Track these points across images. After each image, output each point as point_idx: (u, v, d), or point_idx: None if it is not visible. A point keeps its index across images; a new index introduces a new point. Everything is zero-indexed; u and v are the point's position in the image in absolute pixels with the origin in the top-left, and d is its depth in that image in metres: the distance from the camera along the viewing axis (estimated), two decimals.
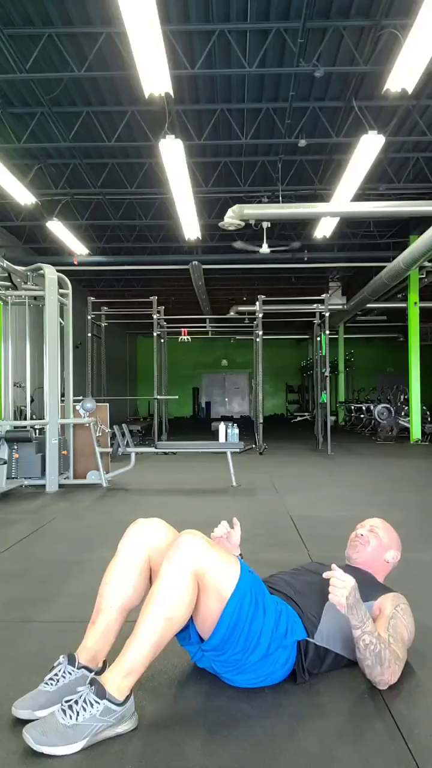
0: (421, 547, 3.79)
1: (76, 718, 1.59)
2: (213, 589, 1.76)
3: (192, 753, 1.58)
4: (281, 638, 1.84)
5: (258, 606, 1.81)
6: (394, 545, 2.22)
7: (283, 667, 1.87)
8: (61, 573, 3.19)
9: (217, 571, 1.76)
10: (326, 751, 1.58)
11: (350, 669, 2.00)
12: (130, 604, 1.87)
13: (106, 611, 1.83)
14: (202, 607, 1.77)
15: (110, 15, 6.21)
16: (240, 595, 1.77)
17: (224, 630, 1.76)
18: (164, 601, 1.69)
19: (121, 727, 1.65)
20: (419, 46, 5.52)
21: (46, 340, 6.57)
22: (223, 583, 1.77)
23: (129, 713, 1.67)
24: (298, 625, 1.89)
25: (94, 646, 1.81)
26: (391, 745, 1.59)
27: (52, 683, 1.74)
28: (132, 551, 1.88)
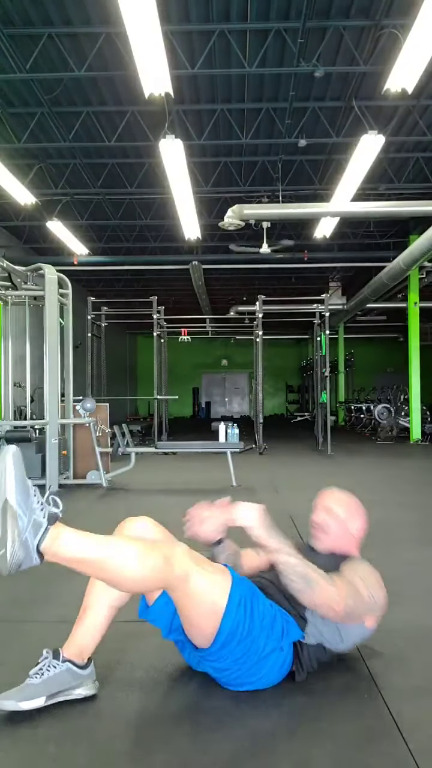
0: (421, 546, 3.79)
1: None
2: (205, 601, 1.73)
3: (190, 752, 1.58)
4: (278, 640, 1.83)
5: (254, 612, 1.80)
6: (355, 515, 2.11)
7: (280, 669, 1.87)
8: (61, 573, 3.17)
9: (205, 580, 1.73)
10: (326, 751, 1.58)
11: (350, 669, 2.00)
12: (118, 602, 1.88)
13: (93, 608, 1.86)
14: (196, 618, 1.76)
15: (110, 15, 6.21)
16: (234, 604, 1.76)
17: (222, 639, 1.75)
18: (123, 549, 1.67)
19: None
20: (419, 46, 5.52)
21: (46, 340, 6.56)
22: (215, 593, 1.75)
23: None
24: (293, 625, 1.88)
25: (80, 641, 1.84)
26: (391, 745, 1.59)
27: (37, 676, 1.78)
28: None
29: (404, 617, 2.50)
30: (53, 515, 1.62)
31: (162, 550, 1.70)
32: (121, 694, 1.88)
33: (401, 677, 1.96)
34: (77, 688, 1.81)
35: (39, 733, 1.67)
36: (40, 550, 1.59)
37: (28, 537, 1.57)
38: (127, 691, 1.90)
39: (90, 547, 1.64)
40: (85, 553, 1.64)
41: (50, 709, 1.77)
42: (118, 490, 6.24)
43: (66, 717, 1.75)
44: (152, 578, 1.68)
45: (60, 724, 1.71)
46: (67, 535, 1.63)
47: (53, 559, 1.62)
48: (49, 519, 1.61)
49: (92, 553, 1.64)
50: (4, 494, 1.57)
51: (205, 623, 1.76)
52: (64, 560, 1.64)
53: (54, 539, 1.60)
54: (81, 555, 1.63)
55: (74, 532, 1.65)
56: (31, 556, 1.58)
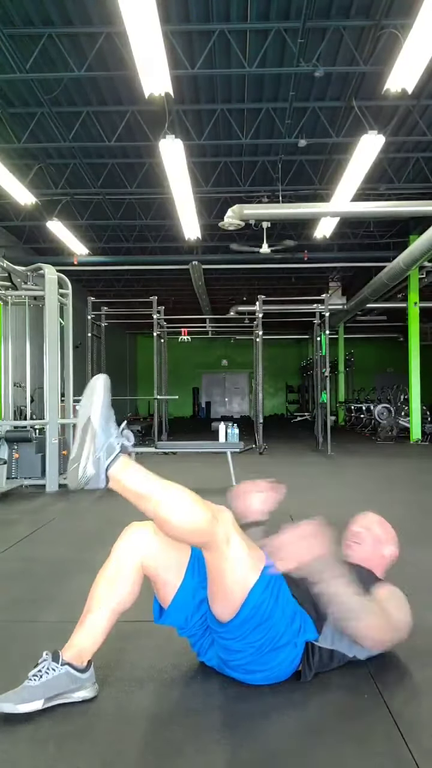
0: (421, 546, 3.79)
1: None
2: (238, 568, 1.75)
3: (192, 753, 1.58)
4: (294, 634, 1.84)
5: (279, 598, 1.82)
6: (391, 540, 2.21)
7: (289, 666, 1.87)
8: (61, 573, 3.19)
9: (243, 549, 1.76)
10: (326, 751, 1.58)
11: (350, 669, 2.00)
12: (121, 607, 1.86)
13: (94, 612, 1.85)
14: (225, 585, 1.77)
15: (110, 15, 6.21)
16: (264, 583, 1.78)
17: (245, 615, 1.76)
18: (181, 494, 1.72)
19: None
20: (419, 46, 5.52)
21: (46, 340, 6.56)
22: (248, 566, 1.77)
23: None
24: (310, 624, 1.89)
25: (80, 644, 1.83)
26: (391, 745, 1.59)
27: (35, 679, 1.77)
28: (125, 555, 1.88)
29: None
30: (125, 446, 1.71)
31: (212, 507, 1.75)
32: (122, 694, 1.88)
33: (401, 678, 1.96)
34: (76, 692, 1.80)
35: (39, 732, 1.67)
36: (108, 474, 1.67)
37: (101, 457, 1.66)
38: (128, 691, 1.90)
39: (153, 485, 1.72)
40: (147, 489, 1.71)
41: (51, 708, 1.77)
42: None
43: (66, 717, 1.75)
44: (198, 529, 1.71)
45: (60, 724, 1.71)
46: (134, 468, 1.72)
47: (116, 486, 1.70)
48: (122, 448, 1.70)
49: (153, 491, 1.71)
50: (89, 412, 1.68)
51: (233, 592, 1.77)
52: (125, 490, 1.70)
53: (123, 467, 1.69)
54: (143, 490, 1.70)
55: (141, 468, 1.74)
56: (99, 477, 1.66)
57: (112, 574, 1.87)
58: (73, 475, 1.66)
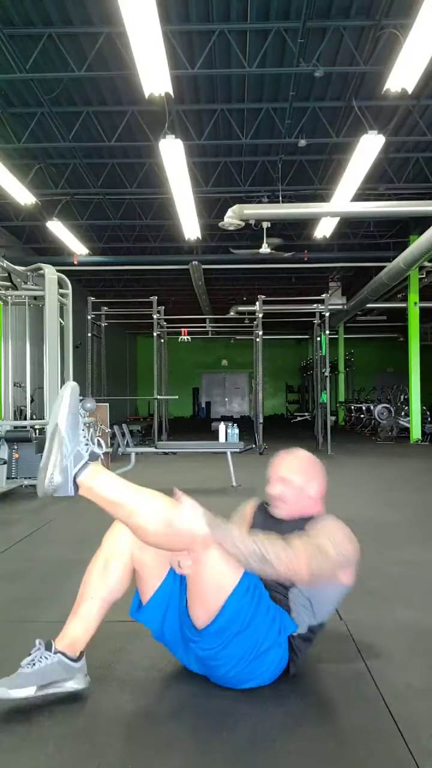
0: (420, 547, 3.80)
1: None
2: (217, 573, 1.75)
3: (190, 752, 1.58)
4: (276, 635, 1.83)
5: (260, 602, 1.81)
6: (312, 476, 2.04)
7: (278, 665, 1.86)
8: (62, 573, 3.19)
9: (222, 554, 1.74)
10: (326, 751, 1.58)
11: (350, 669, 2.00)
12: (112, 597, 1.88)
13: (87, 601, 1.86)
14: (203, 589, 1.77)
15: (110, 15, 6.20)
16: (243, 589, 1.77)
17: (224, 621, 1.75)
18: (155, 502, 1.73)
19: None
20: (419, 46, 5.52)
21: (46, 340, 6.56)
22: (228, 570, 1.76)
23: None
24: (287, 618, 1.87)
25: (73, 633, 1.84)
26: (391, 745, 1.59)
27: (29, 667, 1.78)
28: (115, 544, 1.90)
29: (404, 617, 2.50)
30: (95, 454, 1.71)
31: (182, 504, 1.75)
32: (121, 693, 1.88)
33: (401, 677, 1.96)
34: (68, 681, 1.81)
35: (39, 731, 1.67)
36: (76, 482, 1.67)
37: (68, 464, 1.66)
38: (127, 690, 1.90)
39: (124, 492, 1.72)
40: (119, 497, 1.71)
41: (50, 708, 1.78)
42: None
43: (66, 716, 1.75)
44: (175, 536, 1.71)
45: (60, 722, 1.71)
46: (104, 475, 1.71)
47: (87, 494, 1.70)
48: (91, 456, 1.70)
49: (125, 499, 1.71)
50: (56, 419, 1.69)
51: (211, 597, 1.76)
52: (97, 498, 1.71)
53: (92, 475, 1.69)
54: (114, 497, 1.71)
55: (111, 474, 1.73)
56: (67, 485, 1.67)
57: (103, 564, 1.89)
58: (41, 482, 1.66)
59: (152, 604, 1.92)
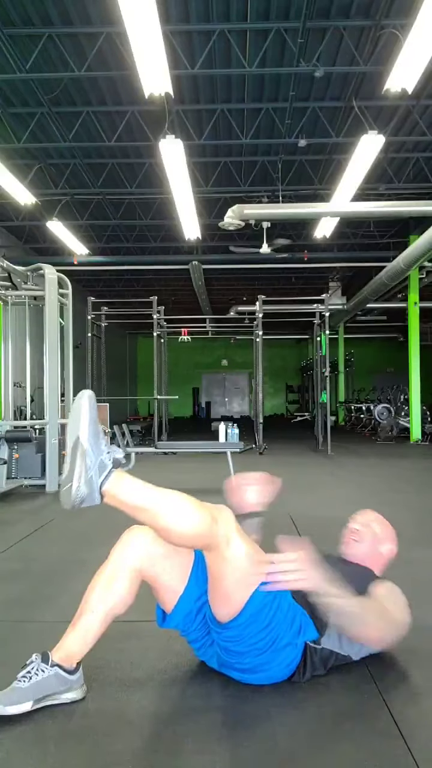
0: (421, 547, 3.79)
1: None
2: (240, 569, 1.74)
3: (193, 753, 1.58)
4: (294, 635, 1.84)
5: (281, 601, 1.82)
6: (389, 538, 2.20)
7: (288, 666, 1.86)
8: (61, 573, 3.19)
9: (244, 549, 1.75)
10: (326, 750, 1.58)
11: (350, 669, 2.00)
12: (115, 611, 1.85)
13: (87, 615, 1.83)
14: (226, 586, 1.77)
15: (110, 15, 6.21)
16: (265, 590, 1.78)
17: (247, 616, 1.76)
18: (178, 502, 1.72)
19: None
20: (419, 46, 5.52)
21: (46, 340, 6.56)
22: (251, 566, 1.76)
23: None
24: (310, 625, 1.88)
25: (71, 647, 1.82)
26: (391, 745, 1.59)
27: (24, 680, 1.75)
28: (123, 559, 1.87)
29: None
30: (117, 461, 1.71)
31: (211, 509, 1.75)
32: (122, 693, 1.88)
33: (401, 677, 1.96)
34: (65, 693, 1.79)
35: (40, 732, 1.67)
36: (102, 491, 1.66)
37: (93, 476, 1.65)
38: (128, 691, 1.90)
39: (148, 495, 1.71)
40: (143, 501, 1.70)
41: (50, 707, 1.77)
42: None
43: (66, 716, 1.75)
44: (198, 534, 1.71)
45: (61, 723, 1.71)
46: (128, 481, 1.71)
47: (112, 502, 1.69)
48: (114, 463, 1.70)
49: (149, 502, 1.70)
50: (77, 432, 1.68)
51: (235, 593, 1.76)
52: (122, 504, 1.70)
53: (116, 482, 1.68)
54: (139, 502, 1.70)
55: (134, 479, 1.73)
56: (93, 495, 1.66)
57: (108, 578, 1.86)
58: (66, 495, 1.64)
59: (178, 612, 1.90)
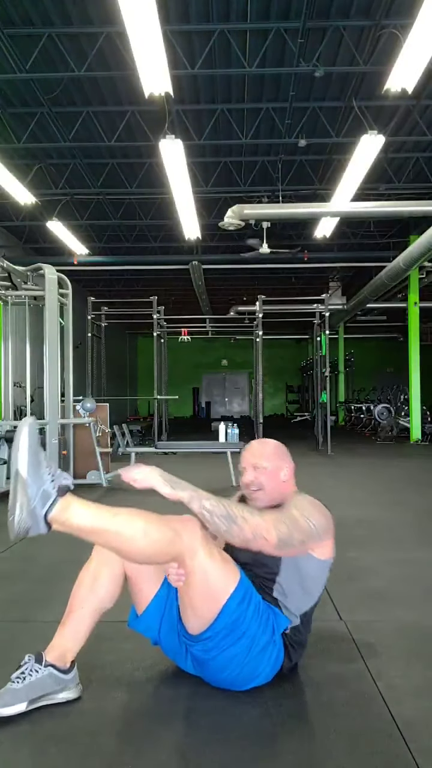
0: (420, 547, 3.80)
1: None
2: (209, 582, 1.74)
3: (190, 752, 1.58)
4: (271, 634, 1.84)
5: (255, 610, 1.81)
6: (280, 461, 2.05)
7: (275, 663, 1.86)
8: (61, 573, 3.19)
9: (213, 562, 1.74)
10: (326, 751, 1.57)
11: (350, 669, 2.00)
12: (102, 607, 1.87)
13: (76, 612, 1.86)
14: (196, 599, 1.76)
15: (110, 15, 6.20)
16: (239, 598, 1.77)
17: (219, 627, 1.75)
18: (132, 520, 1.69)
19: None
20: (419, 46, 5.51)
21: (46, 340, 6.56)
22: (220, 579, 1.76)
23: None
24: (279, 615, 1.88)
25: (63, 645, 1.83)
26: (391, 745, 1.59)
27: (18, 681, 1.76)
28: (105, 555, 1.88)
29: (404, 617, 2.50)
30: (63, 487, 1.67)
31: (172, 523, 1.73)
32: (120, 693, 1.88)
33: (401, 677, 1.96)
34: (60, 693, 1.80)
35: (39, 732, 1.67)
36: (47, 520, 1.63)
37: (36, 506, 1.62)
38: (126, 691, 1.90)
39: (99, 518, 1.69)
40: (94, 524, 1.68)
41: (50, 708, 1.77)
42: (118, 490, 6.24)
43: (65, 716, 1.75)
44: (159, 549, 1.70)
45: (59, 723, 1.71)
46: (76, 507, 1.67)
47: (62, 528, 1.66)
48: (60, 490, 1.65)
49: (101, 525, 1.68)
50: (16, 464, 1.64)
51: (204, 606, 1.76)
52: (73, 530, 1.67)
53: (63, 509, 1.65)
54: (90, 525, 1.67)
55: (84, 503, 1.69)
56: (38, 525, 1.63)
57: (94, 573, 1.89)
58: (11, 525, 1.62)
59: (148, 614, 1.92)
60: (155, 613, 1.91)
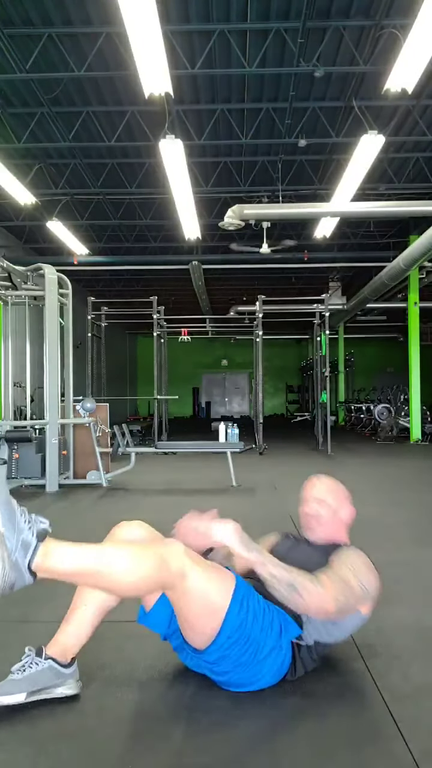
0: (420, 547, 3.80)
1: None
2: (204, 599, 1.73)
3: (190, 752, 1.58)
4: (276, 639, 1.83)
5: (256, 614, 1.80)
6: (344, 502, 2.13)
7: (280, 669, 1.86)
8: None
9: (204, 579, 1.72)
10: (326, 751, 1.57)
11: (350, 669, 2.00)
12: (107, 604, 1.87)
13: (80, 609, 1.86)
14: (194, 618, 1.76)
15: (110, 15, 6.21)
16: (237, 606, 1.76)
17: (222, 641, 1.76)
18: (116, 556, 1.67)
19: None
20: (419, 46, 5.51)
21: (46, 340, 6.57)
22: (215, 593, 1.74)
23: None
24: (291, 623, 1.87)
25: (65, 641, 1.84)
26: (391, 745, 1.59)
27: (19, 673, 1.78)
28: None
29: (403, 617, 2.50)
30: (42, 531, 1.62)
31: (156, 549, 1.70)
32: (121, 693, 1.88)
33: (401, 677, 1.96)
34: (59, 687, 1.81)
35: (38, 731, 1.67)
36: (31, 569, 1.58)
37: (18, 558, 1.56)
38: (127, 690, 1.90)
39: (82, 558, 1.64)
40: (78, 566, 1.64)
41: (50, 707, 1.78)
42: (118, 490, 6.24)
43: (65, 716, 1.75)
44: (148, 580, 1.68)
45: (59, 722, 1.72)
46: (58, 550, 1.62)
47: (47, 575, 1.61)
48: (38, 536, 1.60)
49: (85, 565, 1.64)
50: None
51: (205, 623, 1.75)
52: (57, 575, 1.63)
53: (45, 556, 1.60)
54: (74, 568, 1.63)
55: (64, 545, 1.64)
56: (23, 576, 1.57)
57: None
58: None
59: (156, 610, 1.91)
60: (164, 609, 1.90)
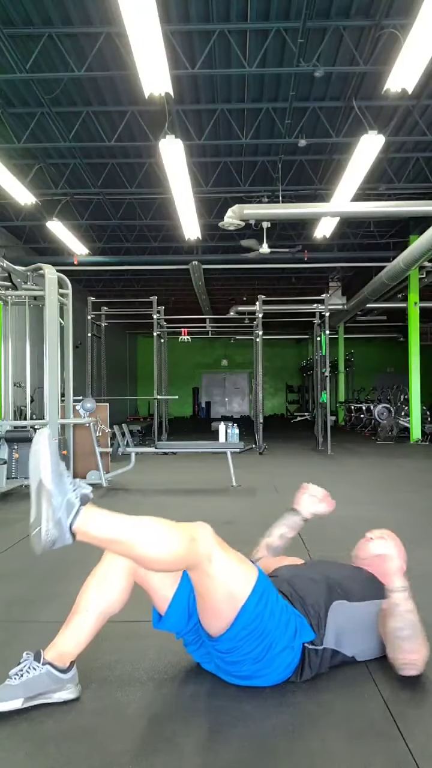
0: (421, 546, 3.79)
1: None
2: (227, 584, 1.74)
3: (191, 752, 1.58)
4: (290, 639, 1.84)
5: (273, 608, 1.81)
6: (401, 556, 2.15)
7: (287, 668, 1.86)
8: (61, 573, 3.19)
9: (228, 564, 1.75)
10: (326, 751, 1.57)
11: (350, 669, 2.00)
12: (109, 611, 1.87)
13: (81, 614, 1.84)
14: (215, 602, 1.76)
15: (110, 15, 6.21)
16: (257, 597, 1.77)
17: (238, 631, 1.76)
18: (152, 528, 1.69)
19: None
20: (419, 46, 5.52)
21: (46, 340, 6.56)
22: (237, 580, 1.76)
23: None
24: (306, 626, 1.88)
25: (64, 646, 1.83)
26: (391, 745, 1.59)
27: (16, 678, 1.77)
28: (116, 558, 1.87)
29: None
30: (85, 496, 1.67)
31: (188, 529, 1.73)
32: (121, 693, 1.88)
33: (401, 677, 1.96)
34: (57, 692, 1.79)
35: (39, 731, 1.67)
36: (72, 530, 1.62)
37: (61, 516, 1.61)
38: (127, 691, 1.90)
39: (120, 527, 1.68)
40: (116, 534, 1.67)
41: (50, 707, 1.78)
42: (118, 490, 6.24)
43: (66, 716, 1.75)
44: (176, 557, 1.70)
45: (60, 723, 1.71)
46: (98, 516, 1.67)
47: (85, 539, 1.66)
48: (82, 499, 1.66)
49: (122, 534, 1.68)
50: (39, 475, 1.64)
51: (223, 608, 1.76)
52: (95, 539, 1.67)
53: (86, 519, 1.65)
54: (112, 535, 1.67)
55: (105, 513, 1.69)
56: (64, 536, 1.62)
57: (101, 578, 1.87)
58: (36, 539, 1.61)
59: (170, 616, 1.90)
60: (177, 614, 1.89)
